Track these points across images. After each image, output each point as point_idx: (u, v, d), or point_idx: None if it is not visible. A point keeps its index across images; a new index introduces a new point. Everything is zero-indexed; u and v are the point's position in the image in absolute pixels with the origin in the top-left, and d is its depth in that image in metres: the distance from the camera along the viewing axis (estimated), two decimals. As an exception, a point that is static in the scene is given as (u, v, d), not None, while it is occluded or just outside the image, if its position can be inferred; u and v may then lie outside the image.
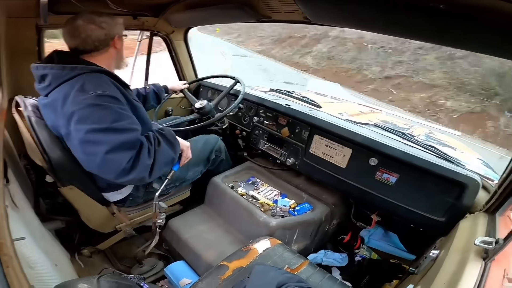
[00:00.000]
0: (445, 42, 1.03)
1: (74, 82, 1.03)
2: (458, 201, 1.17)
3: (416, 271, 1.04)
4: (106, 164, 0.98)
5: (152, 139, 1.12)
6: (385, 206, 1.37)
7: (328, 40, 16.23)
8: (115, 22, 1.18)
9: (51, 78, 1.06)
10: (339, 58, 14.85)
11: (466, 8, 0.76)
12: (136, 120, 1.11)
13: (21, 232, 0.83)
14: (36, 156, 1.20)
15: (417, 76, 11.46)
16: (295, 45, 17.94)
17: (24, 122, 1.17)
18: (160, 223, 1.32)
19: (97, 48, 1.14)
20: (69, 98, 1.01)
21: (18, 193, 1.09)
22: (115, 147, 0.97)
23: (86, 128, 0.97)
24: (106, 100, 1.01)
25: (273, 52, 18.85)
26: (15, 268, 0.58)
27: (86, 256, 1.50)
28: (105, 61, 1.18)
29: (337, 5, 1.06)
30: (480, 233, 0.88)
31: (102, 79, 1.08)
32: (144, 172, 1.05)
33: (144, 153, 1.04)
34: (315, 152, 1.60)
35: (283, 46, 18.78)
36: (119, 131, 0.99)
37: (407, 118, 2.36)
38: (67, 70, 1.04)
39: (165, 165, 1.18)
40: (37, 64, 1.10)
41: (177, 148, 1.25)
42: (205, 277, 1.05)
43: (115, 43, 1.19)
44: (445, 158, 1.33)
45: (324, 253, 1.60)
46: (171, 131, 1.24)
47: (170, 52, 2.23)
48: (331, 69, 14.43)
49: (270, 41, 20.54)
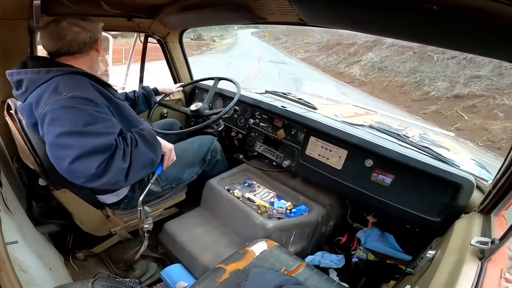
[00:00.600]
0: (440, 43, 1.04)
1: (48, 85, 1.00)
2: (453, 201, 1.18)
3: (413, 272, 1.04)
4: (75, 169, 0.93)
5: (129, 140, 1.07)
6: (381, 207, 1.38)
7: (381, 48, 14.27)
8: (98, 25, 1.18)
9: (27, 82, 1.03)
10: (393, 69, 12.56)
11: (460, 9, 0.76)
12: (114, 123, 1.07)
13: (14, 236, 0.82)
14: (28, 159, 1.19)
15: (501, 98, 8.25)
16: (342, 53, 16.68)
17: (15, 125, 1.16)
18: (147, 228, 1.30)
19: (81, 50, 1.13)
20: (43, 99, 0.98)
21: (10, 196, 1.07)
22: (86, 152, 0.92)
23: (57, 131, 0.93)
24: (80, 102, 0.97)
25: (317, 60, 17.98)
26: (8, 272, 0.57)
27: (80, 259, 1.48)
28: (86, 63, 1.16)
29: (332, 7, 1.06)
30: (475, 233, 0.89)
31: (78, 80, 1.05)
32: (118, 176, 0.99)
33: (118, 155, 0.98)
34: (311, 153, 1.61)
35: (329, 53, 17.77)
36: (92, 135, 0.94)
37: (401, 119, 2.37)
38: (43, 73, 1.02)
39: (144, 167, 1.11)
40: (12, 70, 1.06)
41: (158, 149, 1.19)
42: (202, 280, 1.04)
43: (98, 46, 1.19)
44: (440, 159, 1.34)
45: (321, 254, 1.59)
46: (152, 131, 1.19)
47: (165, 54, 2.23)
48: (381, 82, 12.37)
49: (316, 48, 19.82)
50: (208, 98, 1.87)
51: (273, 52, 20.30)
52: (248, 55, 16.90)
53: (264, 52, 19.68)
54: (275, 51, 21.55)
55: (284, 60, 18.56)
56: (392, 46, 13.78)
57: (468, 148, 5.86)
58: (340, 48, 17.41)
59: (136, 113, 1.68)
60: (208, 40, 29.34)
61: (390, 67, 12.66)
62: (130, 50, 2.27)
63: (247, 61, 15.83)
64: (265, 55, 18.45)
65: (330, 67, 16.19)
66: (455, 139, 2.07)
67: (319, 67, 16.92)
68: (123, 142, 1.04)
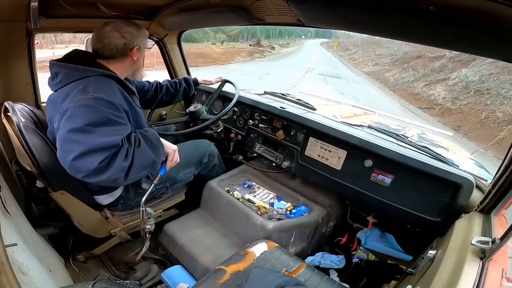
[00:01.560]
0: (436, 43, 1.05)
1: (80, 83, 1.07)
2: (453, 201, 1.18)
3: (414, 272, 1.04)
4: (77, 163, 0.98)
5: (133, 140, 1.11)
6: (381, 207, 1.38)
7: (483, 64, 9.98)
8: (140, 34, 1.22)
9: (62, 76, 1.10)
10: (499, 94, 8.25)
11: (456, 9, 0.77)
12: (126, 127, 1.11)
13: (13, 238, 0.81)
14: (25, 162, 1.19)
15: None
16: (423, 68, 13.14)
17: (12, 127, 1.16)
18: (149, 229, 1.30)
19: (114, 55, 1.18)
20: (70, 96, 1.04)
21: (9, 199, 1.07)
22: (91, 149, 0.97)
23: (70, 126, 0.99)
24: (101, 104, 1.03)
25: (386, 75, 14.75)
26: (7, 274, 0.57)
27: (81, 261, 1.48)
28: (119, 69, 1.22)
29: (329, 8, 1.07)
30: (476, 233, 0.89)
31: (108, 83, 1.11)
32: (119, 173, 1.04)
33: (121, 154, 1.03)
34: (310, 154, 1.61)
35: (404, 68, 14.46)
36: (100, 135, 1.00)
37: (400, 119, 2.37)
38: (80, 71, 1.09)
39: (144, 168, 1.13)
40: (54, 61, 1.13)
41: (160, 151, 1.21)
42: (203, 281, 1.04)
43: (133, 54, 1.22)
44: (439, 158, 1.34)
45: (321, 255, 1.59)
46: (155, 133, 1.22)
47: (163, 55, 2.23)
48: (476, 112, 8.23)
49: (389, 61, 16.84)
50: (210, 101, 1.88)
51: (333, 64, 19.16)
52: (298, 65, 15.66)
53: (322, 64, 18.18)
54: (336, 63, 20.45)
55: (341, 73, 16.33)
56: (500, 61, 8.11)
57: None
58: (420, 62, 13.97)
59: (172, 103, 1.96)
60: (266, 47, 29.12)
61: (495, 91, 8.38)
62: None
63: (291, 72, 14.42)
64: (320, 67, 16.94)
65: (402, 85, 12.56)
66: (454, 138, 2.07)
67: (386, 84, 13.66)
68: (127, 141, 1.08)
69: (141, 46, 1.25)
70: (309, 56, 23.81)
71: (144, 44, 1.27)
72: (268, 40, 28.55)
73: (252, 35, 34.75)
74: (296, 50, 31.50)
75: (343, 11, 1.03)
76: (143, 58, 1.35)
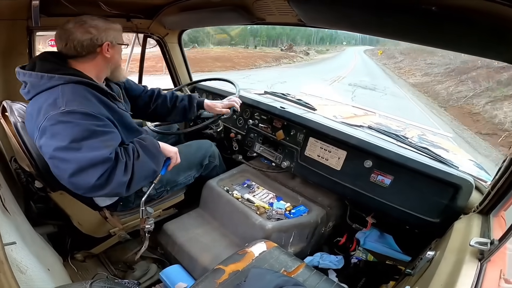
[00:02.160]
0: (438, 44, 1.05)
1: (49, 94, 0.99)
2: (452, 202, 1.18)
3: (412, 273, 1.04)
4: (75, 181, 0.95)
5: (131, 152, 1.07)
6: (380, 208, 1.38)
7: None
8: (109, 27, 1.10)
9: (29, 86, 1.02)
10: None
11: (458, 10, 0.77)
12: (113, 135, 1.06)
13: (12, 237, 0.81)
14: (23, 162, 1.18)
15: None
16: (486, 81, 10.79)
17: (10, 127, 1.15)
18: (148, 229, 1.29)
19: (80, 53, 1.07)
20: (42, 111, 0.97)
21: (8, 197, 1.07)
22: (83, 166, 0.93)
23: (55, 145, 0.94)
24: (76, 117, 0.96)
25: (437, 88, 12.41)
26: (5, 273, 0.57)
27: (79, 260, 1.48)
28: (92, 69, 1.12)
29: (331, 7, 1.07)
30: (474, 234, 0.89)
31: (79, 92, 1.02)
32: (119, 188, 1.01)
33: (119, 169, 0.99)
34: (310, 154, 1.60)
35: (462, 80, 12.05)
36: (88, 150, 0.95)
37: (400, 120, 2.37)
38: (45, 80, 1.00)
39: (145, 178, 1.12)
40: (19, 70, 1.05)
41: (160, 159, 1.18)
42: (201, 281, 1.04)
43: (103, 51, 1.10)
44: (439, 159, 1.34)
45: (320, 255, 1.59)
46: (154, 141, 1.17)
47: (164, 54, 2.23)
48: None
49: (443, 71, 14.20)
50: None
51: (372, 73, 16.79)
52: (328, 73, 14.16)
53: (359, 73, 16.34)
54: (377, 72, 18.22)
55: (379, 84, 14.12)
56: None
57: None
58: (482, 73, 11.45)
59: (165, 120, 1.67)
60: (299, 53, 27.64)
61: None
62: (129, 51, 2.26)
63: (315, 81, 12.87)
64: (354, 77, 14.73)
65: (457, 101, 10.09)
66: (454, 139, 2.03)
67: (436, 98, 11.27)
68: (125, 154, 1.04)
69: (114, 41, 1.12)
70: (344, 64, 21.95)
71: (118, 39, 1.15)
72: (308, 45, 27.81)
73: (292, 40, 34.28)
74: (333, 57, 30.01)
75: (345, 11, 1.03)
76: (119, 55, 1.21)
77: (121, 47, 1.20)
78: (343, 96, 9.62)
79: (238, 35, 31.28)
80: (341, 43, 44.19)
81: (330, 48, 38.31)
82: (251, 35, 31.77)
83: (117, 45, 1.16)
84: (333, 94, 8.78)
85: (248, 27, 55.76)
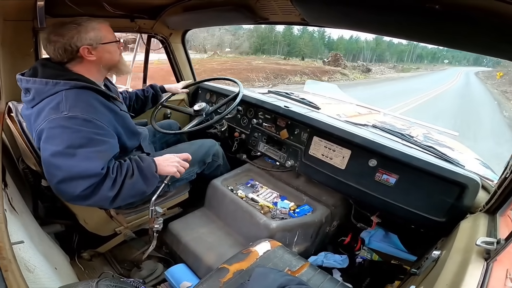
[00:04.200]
0: (440, 42, 1.04)
1: (53, 99, 0.99)
2: (458, 201, 1.17)
3: (417, 272, 1.03)
4: (61, 189, 0.96)
5: (125, 170, 1.05)
6: (385, 207, 1.37)
7: None
8: (80, 31, 1.05)
9: (34, 92, 1.02)
10: None
11: (461, 8, 0.76)
12: (111, 146, 1.06)
13: (19, 236, 0.82)
14: (30, 161, 1.20)
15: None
16: None
17: (16, 127, 1.17)
18: (157, 228, 1.30)
19: (64, 59, 1.07)
20: (43, 113, 0.97)
21: (16, 196, 1.08)
22: (72, 176, 0.94)
23: (51, 150, 0.94)
24: (78, 123, 0.97)
25: None
26: (14, 272, 0.57)
27: (86, 259, 1.49)
28: (86, 72, 1.11)
29: (334, 7, 1.06)
30: (481, 233, 0.88)
31: (83, 97, 1.02)
32: (103, 202, 1.02)
33: (106, 184, 0.99)
34: (314, 153, 1.60)
35: None
36: (81, 158, 0.95)
37: (405, 119, 2.36)
38: (50, 86, 1.00)
39: (132, 197, 1.10)
40: (21, 76, 1.05)
41: (153, 182, 1.14)
42: (206, 280, 1.04)
43: (84, 55, 1.07)
44: (444, 158, 1.33)
45: (324, 255, 1.59)
46: (151, 164, 1.13)
47: (168, 54, 2.24)
48: None
49: None
50: (221, 105, 1.83)
51: (469, 108, 12.08)
52: (375, 102, 8.23)
53: (441, 107, 11.79)
54: (480, 106, 13.12)
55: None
56: None
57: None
58: None
59: (144, 111, 1.77)
60: (349, 68, 22.26)
61: None
62: (134, 51, 2.28)
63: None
64: (426, 113, 10.03)
65: None
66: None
67: None
68: (116, 170, 1.04)
69: (94, 43, 1.07)
70: (425, 87, 17.50)
71: (100, 39, 1.09)
72: (398, 63, 23.35)
73: (379, 56, 31.25)
74: (411, 77, 24.14)
75: (348, 10, 1.03)
76: (111, 53, 1.15)
77: (111, 45, 1.14)
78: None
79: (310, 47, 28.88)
80: (442, 61, 39.71)
81: (423, 66, 34.22)
82: (327, 48, 29.65)
83: (101, 45, 1.10)
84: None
85: (325, 41, 52.28)
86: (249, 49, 28.18)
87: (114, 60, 1.17)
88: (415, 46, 56.82)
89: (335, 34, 26.41)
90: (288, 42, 35.81)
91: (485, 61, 46.84)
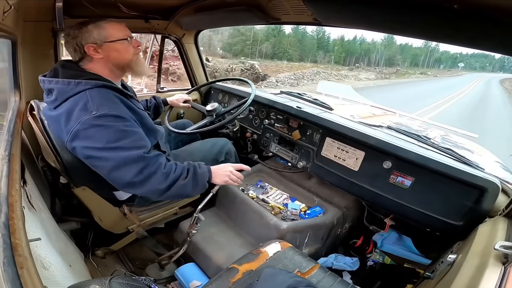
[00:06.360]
0: (461, 42, 1.01)
1: (78, 99, 1.03)
2: (477, 205, 1.13)
3: (431, 276, 1.00)
4: (112, 177, 1.05)
5: (181, 171, 1.13)
6: (399, 210, 1.34)
7: None
8: (82, 31, 1.08)
9: (57, 93, 1.06)
10: None
11: (480, 7, 0.74)
12: (142, 135, 1.12)
13: (37, 233, 0.84)
14: (50, 158, 1.23)
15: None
16: None
17: (38, 125, 1.20)
18: (194, 234, 1.35)
19: (75, 58, 1.13)
20: (73, 115, 1.02)
21: (35, 194, 1.11)
22: (120, 164, 1.02)
23: (91, 147, 1.01)
24: (109, 120, 1.02)
25: None
26: (29, 269, 0.57)
27: (99, 256, 1.52)
28: (99, 70, 1.14)
29: (348, 6, 1.05)
30: (500, 238, 0.84)
31: (105, 95, 1.07)
32: (152, 193, 1.11)
33: (158, 176, 1.07)
34: (326, 155, 1.58)
35: None
36: (123, 149, 1.02)
37: (421, 120, 2.30)
38: (72, 86, 1.04)
39: (178, 196, 1.19)
40: (43, 78, 1.10)
41: (200, 189, 1.19)
42: (215, 279, 1.04)
43: (91, 53, 1.09)
44: (463, 161, 1.29)
45: (335, 257, 1.57)
46: (206, 174, 1.19)
47: (181, 55, 2.26)
48: None
49: None
50: (234, 106, 1.83)
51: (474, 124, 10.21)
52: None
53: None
54: (491, 123, 11.26)
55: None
56: None
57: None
58: None
59: None
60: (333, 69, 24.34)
61: None
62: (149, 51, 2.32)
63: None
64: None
65: None
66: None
67: None
68: (172, 167, 1.12)
69: (99, 41, 1.09)
70: (427, 95, 16.11)
71: (106, 37, 1.09)
72: (412, 68, 23.09)
73: (389, 59, 30.01)
74: (409, 83, 23.05)
75: (363, 10, 1.01)
76: (120, 52, 1.14)
77: (120, 42, 1.13)
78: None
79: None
80: (457, 66, 35.73)
81: (435, 72, 32.30)
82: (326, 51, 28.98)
83: (107, 44, 1.10)
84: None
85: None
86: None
87: (124, 59, 1.18)
88: (434, 51, 53.15)
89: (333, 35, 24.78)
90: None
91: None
